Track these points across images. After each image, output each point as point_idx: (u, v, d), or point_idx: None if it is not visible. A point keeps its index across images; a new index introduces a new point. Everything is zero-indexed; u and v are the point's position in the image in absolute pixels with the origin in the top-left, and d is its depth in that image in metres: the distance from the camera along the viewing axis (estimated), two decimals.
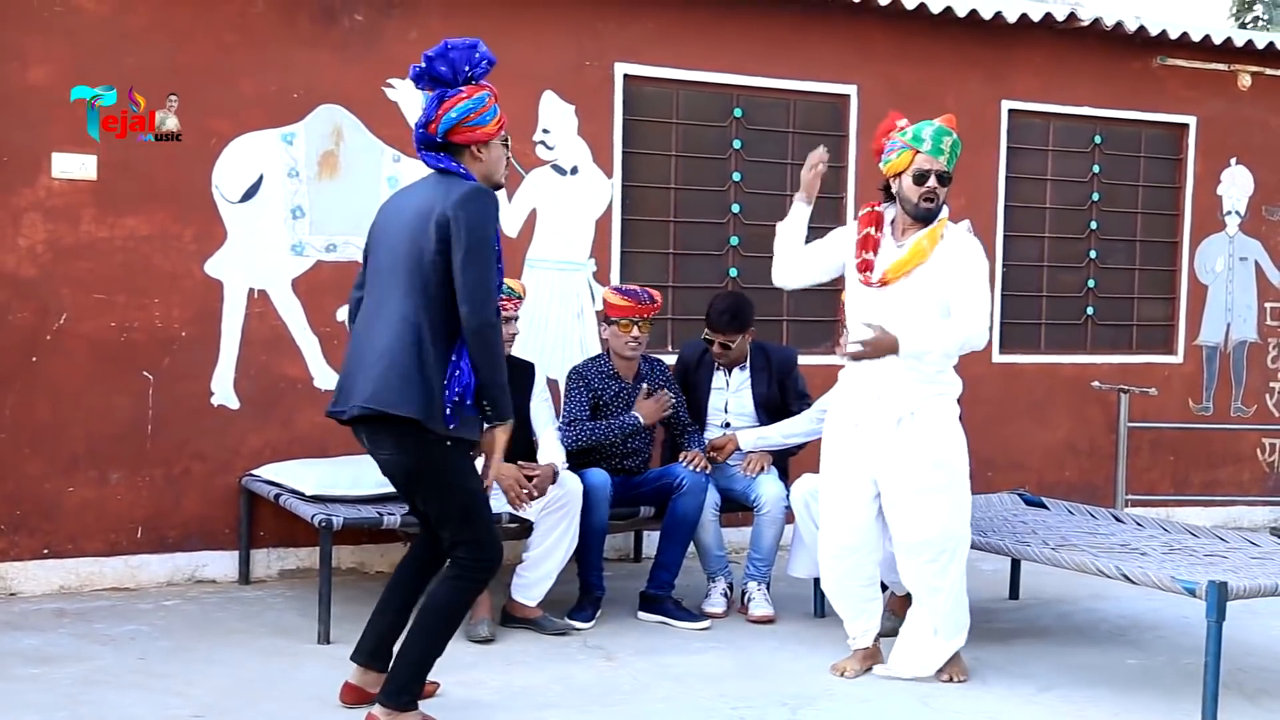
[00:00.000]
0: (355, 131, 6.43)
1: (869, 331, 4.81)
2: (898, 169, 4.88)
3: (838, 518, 5.00)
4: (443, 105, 4.15)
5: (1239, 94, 8.48)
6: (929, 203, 4.81)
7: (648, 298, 5.86)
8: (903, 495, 4.83)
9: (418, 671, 4.18)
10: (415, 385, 3.96)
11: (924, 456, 4.80)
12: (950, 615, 4.89)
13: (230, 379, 6.24)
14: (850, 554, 4.99)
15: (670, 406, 5.88)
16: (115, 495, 6.05)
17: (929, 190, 4.79)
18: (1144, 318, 8.48)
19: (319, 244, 6.38)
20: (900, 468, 4.82)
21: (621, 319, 5.81)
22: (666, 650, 5.33)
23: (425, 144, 4.19)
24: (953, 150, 4.87)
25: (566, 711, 4.52)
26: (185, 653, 5.08)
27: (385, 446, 4.12)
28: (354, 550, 6.50)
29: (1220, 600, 4.37)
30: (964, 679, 4.91)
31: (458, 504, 4.11)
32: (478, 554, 4.14)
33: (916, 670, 4.91)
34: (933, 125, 4.88)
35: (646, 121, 7.13)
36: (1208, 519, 8.42)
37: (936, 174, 4.81)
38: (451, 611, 4.18)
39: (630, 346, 5.82)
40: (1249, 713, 4.73)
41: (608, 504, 5.64)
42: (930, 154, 4.81)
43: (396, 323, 4.03)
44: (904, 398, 4.82)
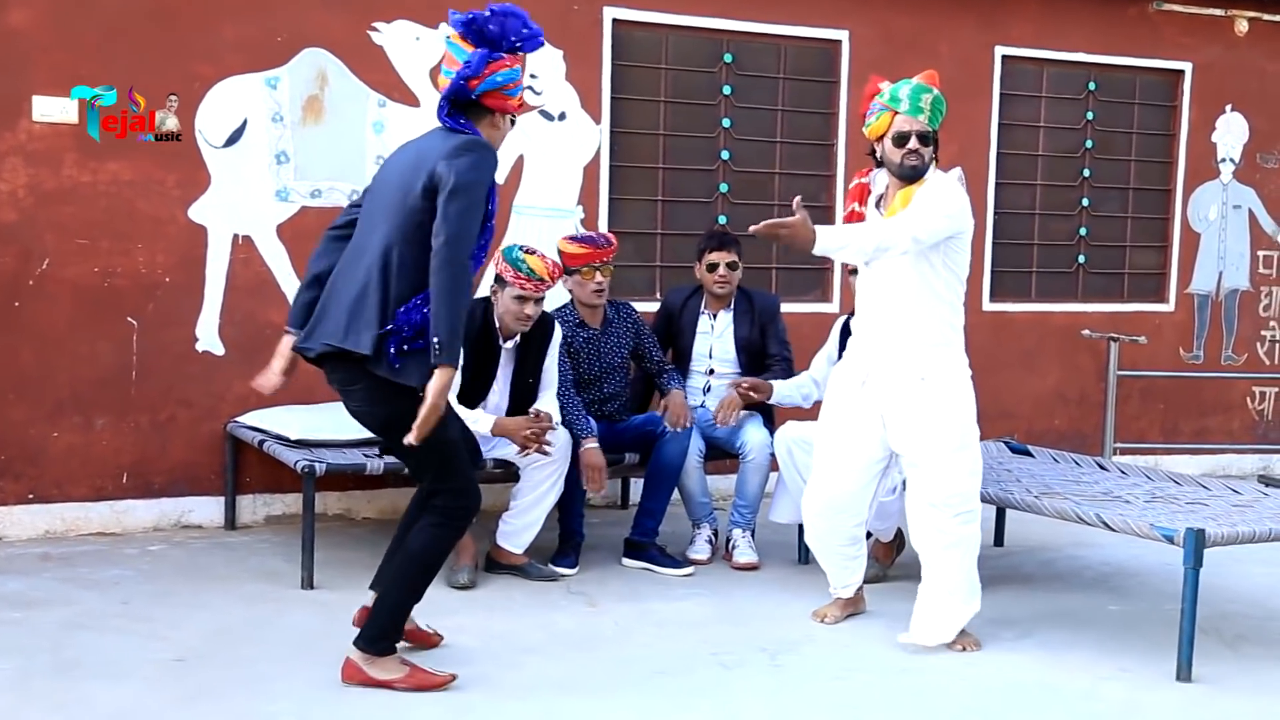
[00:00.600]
0: (340, 76, 6.37)
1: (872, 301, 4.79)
2: (879, 132, 4.75)
3: (832, 475, 4.90)
4: (490, 65, 4.12)
5: (1235, 40, 8.41)
6: (912, 162, 4.69)
7: (604, 240, 5.84)
8: (927, 454, 4.72)
9: (395, 617, 4.21)
10: (373, 326, 3.94)
11: (945, 416, 4.71)
12: (968, 575, 4.78)
13: (215, 325, 6.22)
14: (837, 513, 4.93)
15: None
16: (100, 441, 6.05)
17: (910, 150, 4.67)
18: (1136, 266, 8.45)
19: (304, 189, 6.34)
20: (923, 428, 4.71)
21: (583, 266, 5.77)
22: (650, 597, 5.35)
23: (454, 97, 4.14)
24: (933, 107, 4.72)
25: (547, 657, 4.54)
26: (169, 597, 5.10)
27: (356, 398, 4.13)
28: (340, 496, 6.51)
29: (1198, 547, 4.37)
30: (977, 649, 4.77)
31: (435, 453, 4.10)
32: (456, 501, 4.16)
33: (939, 637, 4.74)
34: (910, 84, 4.74)
35: (635, 67, 7.07)
36: (1197, 467, 8.42)
37: (917, 134, 4.66)
38: (429, 558, 4.19)
39: (596, 294, 5.80)
40: (1226, 658, 4.75)
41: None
42: (909, 114, 4.68)
43: (369, 262, 4.02)
44: (919, 358, 4.72)
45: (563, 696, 4.16)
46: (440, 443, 4.06)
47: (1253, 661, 4.74)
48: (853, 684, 4.37)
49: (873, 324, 4.83)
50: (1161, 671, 4.52)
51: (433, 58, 6.51)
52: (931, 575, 4.78)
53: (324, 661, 4.36)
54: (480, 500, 4.26)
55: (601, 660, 4.53)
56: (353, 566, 5.59)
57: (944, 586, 4.75)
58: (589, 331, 5.87)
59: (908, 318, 4.74)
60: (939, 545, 4.74)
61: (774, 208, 7.41)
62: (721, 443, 5.99)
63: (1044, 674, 4.52)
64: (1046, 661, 4.66)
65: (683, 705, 4.13)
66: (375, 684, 4.14)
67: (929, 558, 4.78)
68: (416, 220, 4.01)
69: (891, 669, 4.53)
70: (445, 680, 4.16)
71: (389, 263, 4.00)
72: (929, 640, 4.75)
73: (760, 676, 4.43)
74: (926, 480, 4.73)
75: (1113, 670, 4.58)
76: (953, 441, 4.72)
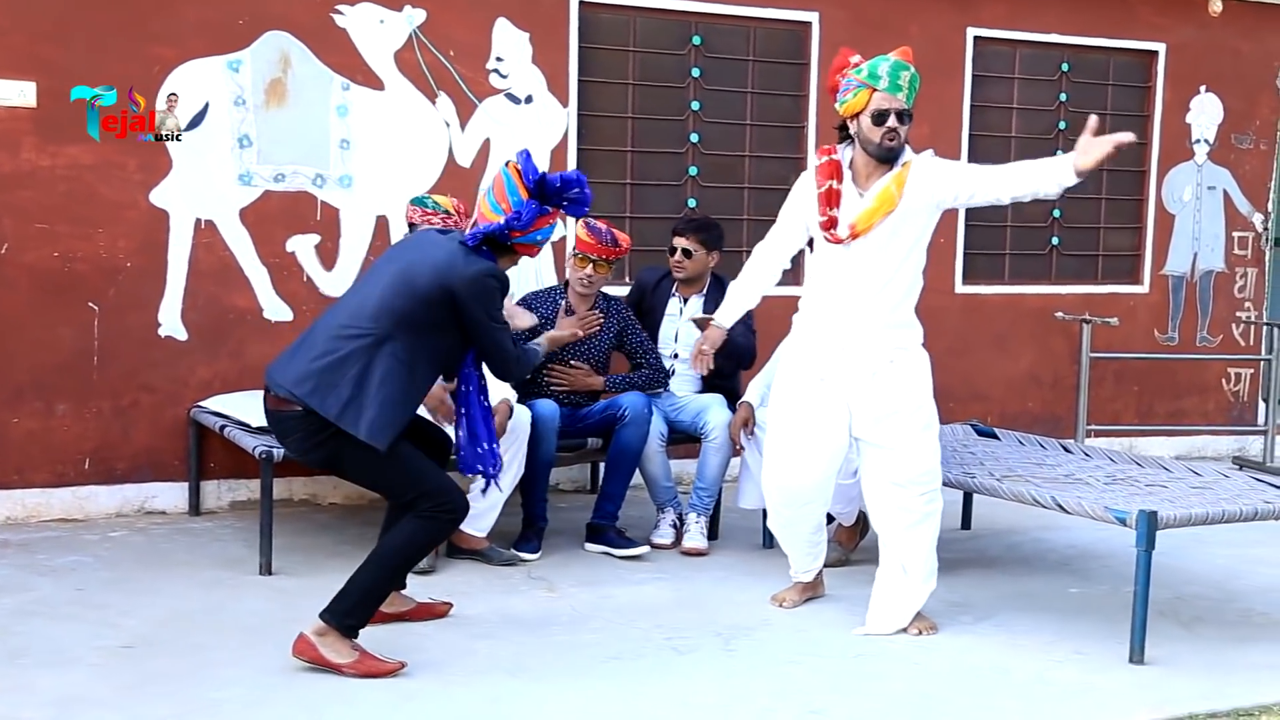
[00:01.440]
0: (303, 59, 6.33)
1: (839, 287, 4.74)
2: (855, 109, 4.62)
3: (795, 468, 4.81)
4: (539, 220, 4.30)
5: (1209, 20, 8.37)
6: (891, 142, 4.59)
7: (610, 239, 5.80)
8: (892, 438, 4.68)
9: (365, 598, 4.21)
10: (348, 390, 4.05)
11: (914, 396, 4.69)
12: (928, 555, 4.75)
13: (178, 310, 6.20)
14: (804, 505, 4.88)
15: (595, 325, 5.74)
16: (62, 426, 6.03)
17: (890, 130, 4.56)
18: (1110, 247, 8.43)
19: (267, 174, 6.31)
20: (892, 410, 4.67)
21: (580, 253, 5.76)
22: (609, 581, 5.33)
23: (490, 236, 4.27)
24: (911, 85, 4.62)
25: (499, 643, 4.52)
26: (125, 584, 5.08)
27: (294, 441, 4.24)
28: (307, 482, 6.49)
29: (1150, 529, 4.36)
30: (934, 632, 4.74)
31: (388, 475, 4.21)
32: (436, 501, 4.19)
33: (896, 622, 4.73)
34: (889, 60, 4.63)
35: (603, 49, 7.04)
36: (1172, 449, 8.42)
37: (896, 112, 4.55)
38: (412, 550, 4.25)
39: (582, 283, 5.78)
40: (1181, 639, 4.75)
41: (555, 435, 5.63)
42: (888, 91, 4.56)
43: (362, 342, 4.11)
44: (876, 351, 4.68)
45: (510, 681, 4.15)
46: (392, 463, 4.13)
47: (1207, 643, 4.73)
48: (804, 669, 4.36)
49: (834, 315, 4.73)
50: (1115, 654, 4.52)
51: (397, 40, 6.49)
52: (892, 556, 4.76)
53: (275, 648, 4.34)
54: (464, 500, 4.28)
55: (554, 645, 4.52)
56: (314, 552, 5.59)
57: (904, 567, 4.73)
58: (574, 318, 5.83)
59: (881, 300, 4.67)
60: (903, 525, 4.71)
61: (744, 190, 7.40)
62: (684, 425, 5.96)
63: (998, 657, 4.51)
64: (1002, 645, 4.65)
65: (631, 690, 4.11)
66: (323, 664, 4.14)
67: (892, 538, 4.75)
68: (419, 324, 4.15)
69: (845, 654, 4.52)
70: (394, 668, 4.15)
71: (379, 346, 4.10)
72: (886, 628, 4.73)
73: (712, 661, 4.42)
74: (894, 461, 4.69)
75: (1067, 653, 4.57)
76: (920, 421, 4.71)
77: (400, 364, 4.10)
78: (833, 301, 4.74)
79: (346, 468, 4.23)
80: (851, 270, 4.69)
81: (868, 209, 4.62)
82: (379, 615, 4.48)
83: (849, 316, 4.71)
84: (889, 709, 4.03)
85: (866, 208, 4.63)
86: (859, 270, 4.68)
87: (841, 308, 4.73)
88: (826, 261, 4.76)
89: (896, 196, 4.60)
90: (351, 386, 4.05)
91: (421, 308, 4.14)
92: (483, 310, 4.20)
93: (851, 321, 4.71)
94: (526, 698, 4.02)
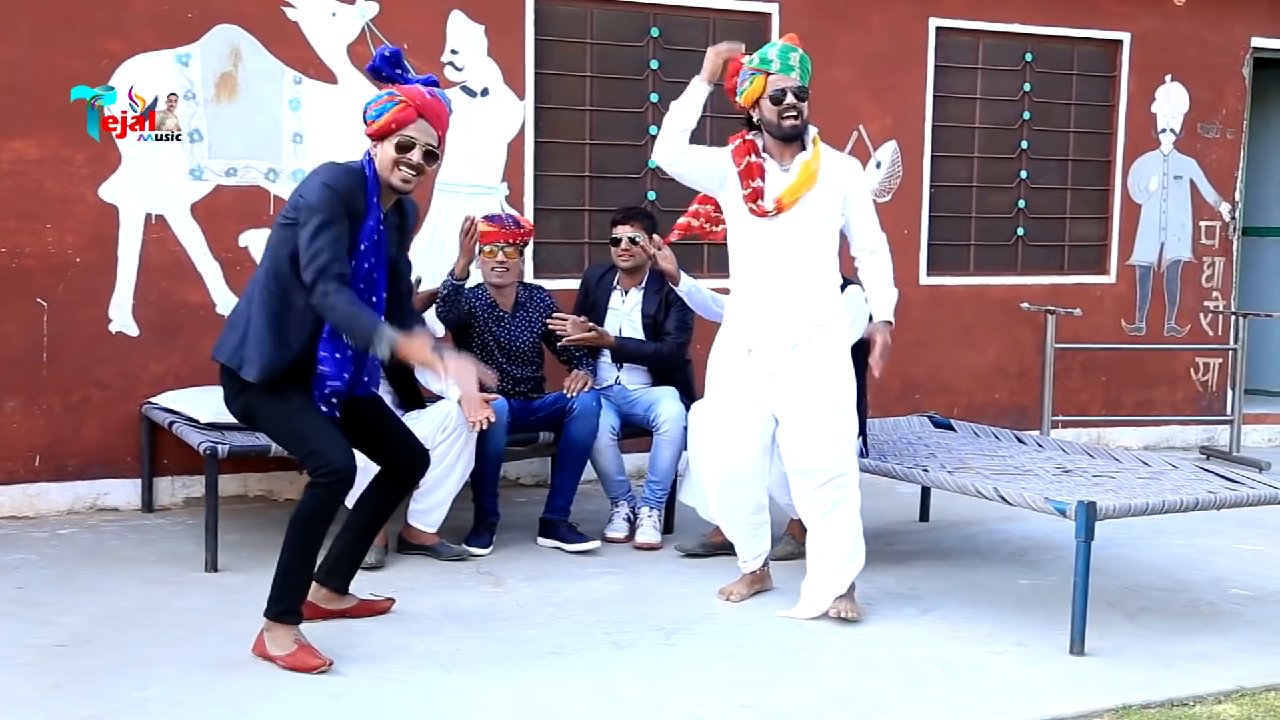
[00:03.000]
0: (254, 53, 6.30)
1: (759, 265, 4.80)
2: (754, 96, 4.77)
3: (727, 447, 4.87)
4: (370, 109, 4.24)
5: (1174, 9, 8.35)
6: (792, 120, 4.70)
7: (511, 222, 5.80)
8: (799, 420, 4.73)
9: (283, 581, 4.20)
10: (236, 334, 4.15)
11: (820, 381, 4.72)
12: (851, 538, 4.77)
13: (129, 306, 6.16)
14: (740, 485, 4.90)
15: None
16: (11, 423, 5.99)
17: (788, 107, 4.68)
18: (1076, 238, 8.41)
19: (218, 168, 6.28)
20: (797, 392, 4.73)
21: (486, 245, 5.74)
22: (557, 576, 5.30)
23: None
24: (803, 65, 4.74)
25: (438, 638, 4.49)
26: (67, 581, 5.05)
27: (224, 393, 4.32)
28: (262, 478, 6.46)
29: (1089, 520, 4.34)
30: (854, 618, 4.72)
31: (287, 428, 4.24)
32: (318, 464, 4.14)
33: (816, 607, 4.75)
34: (777, 45, 4.80)
35: (560, 41, 7.00)
36: (1140, 440, 8.41)
37: (793, 90, 4.69)
38: (305, 522, 4.19)
39: (496, 272, 5.75)
40: (1125, 630, 4.72)
41: (505, 430, 5.59)
42: (781, 72, 4.71)
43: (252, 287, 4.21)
44: (799, 322, 4.74)
45: (443, 677, 4.11)
46: (285, 414, 4.18)
47: (1150, 633, 4.70)
48: (741, 662, 4.33)
49: (759, 288, 4.80)
50: (1056, 645, 4.49)
51: (350, 33, 6.45)
52: (813, 541, 4.80)
53: (209, 645, 4.33)
54: (347, 464, 4.15)
55: (493, 640, 4.48)
56: (263, 548, 5.53)
57: (827, 551, 4.76)
58: (499, 313, 5.82)
59: (803, 272, 4.76)
60: (815, 514, 4.76)
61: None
62: (636, 418, 5.93)
63: (937, 649, 4.48)
64: (943, 636, 4.63)
65: (564, 685, 4.08)
66: (266, 657, 4.16)
67: (809, 524, 4.81)
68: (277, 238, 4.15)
69: (784, 648, 4.49)
70: (321, 664, 4.11)
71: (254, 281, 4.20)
72: (806, 611, 4.76)
73: (650, 656, 4.38)
74: (800, 447, 4.74)
75: (1008, 644, 4.54)
76: (832, 404, 4.74)
77: (271, 295, 4.11)
78: (757, 275, 4.81)
79: (257, 418, 4.29)
80: (774, 243, 4.78)
81: (793, 183, 4.74)
82: (319, 611, 4.49)
83: (772, 289, 4.78)
84: (822, 701, 3.99)
85: (792, 182, 4.74)
86: (782, 243, 4.76)
87: (765, 281, 4.80)
88: (749, 236, 4.84)
89: (818, 173, 4.75)
90: (241, 329, 4.14)
91: (278, 231, 4.13)
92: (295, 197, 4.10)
93: (775, 294, 4.78)
94: (457, 693, 3.99)
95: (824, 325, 4.76)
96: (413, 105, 4.17)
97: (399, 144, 4.15)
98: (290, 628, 4.20)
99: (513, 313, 5.84)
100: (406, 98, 4.18)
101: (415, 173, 4.19)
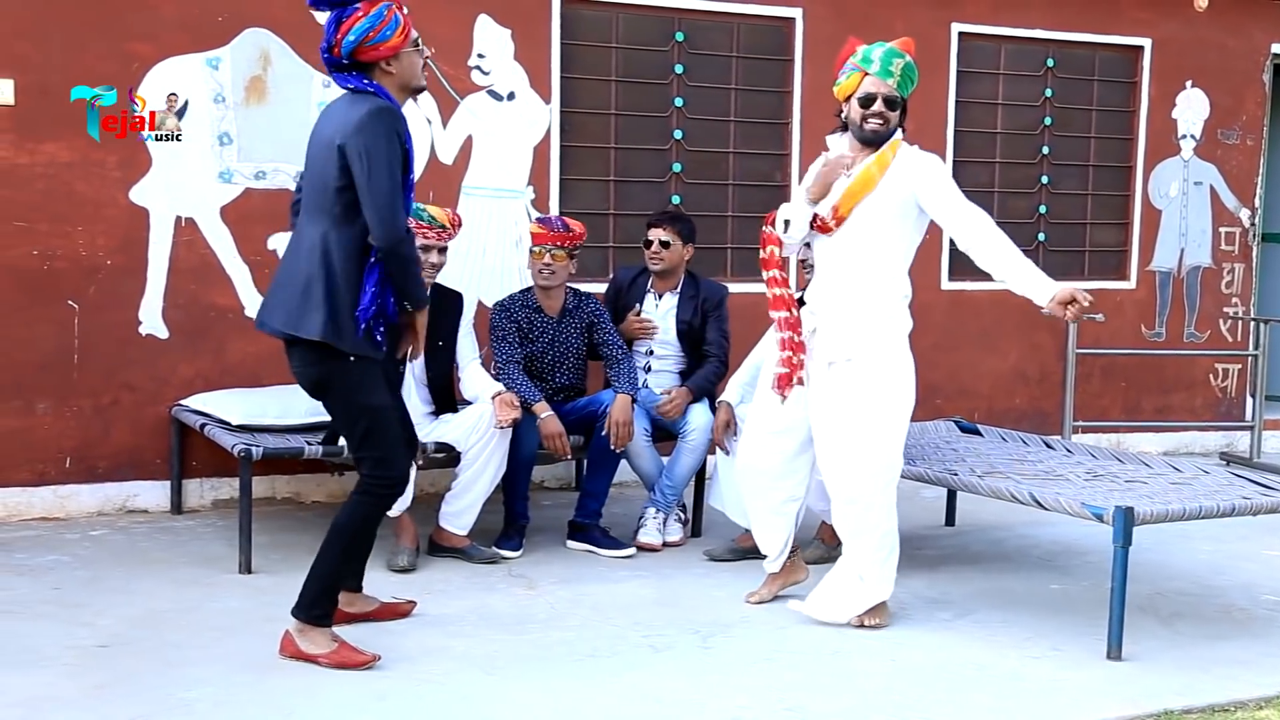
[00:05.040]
0: (283, 56, 6.32)
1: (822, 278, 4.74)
2: (846, 92, 4.68)
3: (763, 443, 4.86)
4: (340, 27, 4.11)
5: (1195, 15, 8.35)
6: (874, 126, 4.62)
7: (560, 225, 5.79)
8: (822, 440, 4.69)
9: (322, 586, 4.22)
10: (321, 309, 4.04)
11: (849, 408, 4.61)
12: (876, 563, 4.71)
13: (159, 308, 6.18)
14: (765, 478, 4.88)
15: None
16: (42, 425, 6.01)
17: (874, 113, 4.60)
18: (1097, 243, 8.42)
19: (247, 171, 6.30)
20: (826, 413, 4.67)
21: (535, 246, 5.76)
22: (589, 579, 5.32)
23: (333, 66, 4.17)
24: (904, 74, 4.63)
25: (475, 640, 4.50)
26: (101, 583, 5.07)
27: (294, 360, 4.21)
28: (290, 480, 6.47)
29: (1126, 525, 4.35)
30: (880, 625, 4.71)
31: (361, 421, 4.17)
32: (379, 472, 4.16)
33: (831, 615, 4.72)
34: (884, 47, 4.68)
35: (585, 46, 7.02)
36: (1159, 445, 8.41)
37: (884, 97, 4.59)
38: (354, 531, 4.21)
39: (543, 274, 5.76)
40: (1159, 635, 4.74)
41: (537, 433, 5.60)
42: (879, 75, 4.61)
43: (307, 249, 4.12)
44: (837, 341, 4.66)
45: (483, 679, 4.13)
46: (367, 409, 4.13)
47: (1185, 638, 4.71)
48: (779, 665, 4.34)
49: (815, 300, 4.77)
50: (1093, 650, 4.50)
51: None
52: (845, 555, 4.78)
53: (248, 646, 4.35)
54: (404, 476, 4.24)
55: (529, 643, 4.50)
56: (295, 550, 5.56)
57: (854, 570, 4.74)
58: (544, 318, 5.82)
59: (849, 288, 4.66)
60: (843, 531, 4.75)
61: (728, 187, 7.39)
62: (664, 422, 5.94)
63: (974, 654, 4.49)
64: (979, 641, 4.64)
65: (604, 688, 4.09)
66: (303, 657, 4.16)
67: (842, 538, 4.79)
68: (343, 205, 4.06)
69: (821, 651, 4.50)
70: (367, 660, 4.14)
71: (326, 249, 4.07)
72: (819, 615, 4.74)
73: (688, 659, 4.40)
74: (827, 467, 4.71)
75: (1044, 649, 4.55)
76: (863, 433, 4.61)
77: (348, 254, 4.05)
78: (815, 289, 4.79)
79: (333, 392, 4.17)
80: (831, 256, 4.72)
81: (849, 188, 4.64)
82: (341, 615, 4.48)
83: (821, 304, 4.74)
84: (864, 705, 4.01)
85: (848, 187, 4.64)
86: (836, 256, 4.70)
87: (818, 295, 4.76)
88: (818, 250, 4.82)
89: (877, 178, 4.61)
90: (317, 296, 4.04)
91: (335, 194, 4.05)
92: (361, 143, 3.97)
93: (821, 310, 4.74)
94: (499, 695, 4.00)
95: (867, 348, 4.61)
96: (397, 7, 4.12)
97: (418, 46, 4.22)
98: (327, 629, 4.22)
99: (559, 319, 5.84)
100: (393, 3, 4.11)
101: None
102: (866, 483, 4.65)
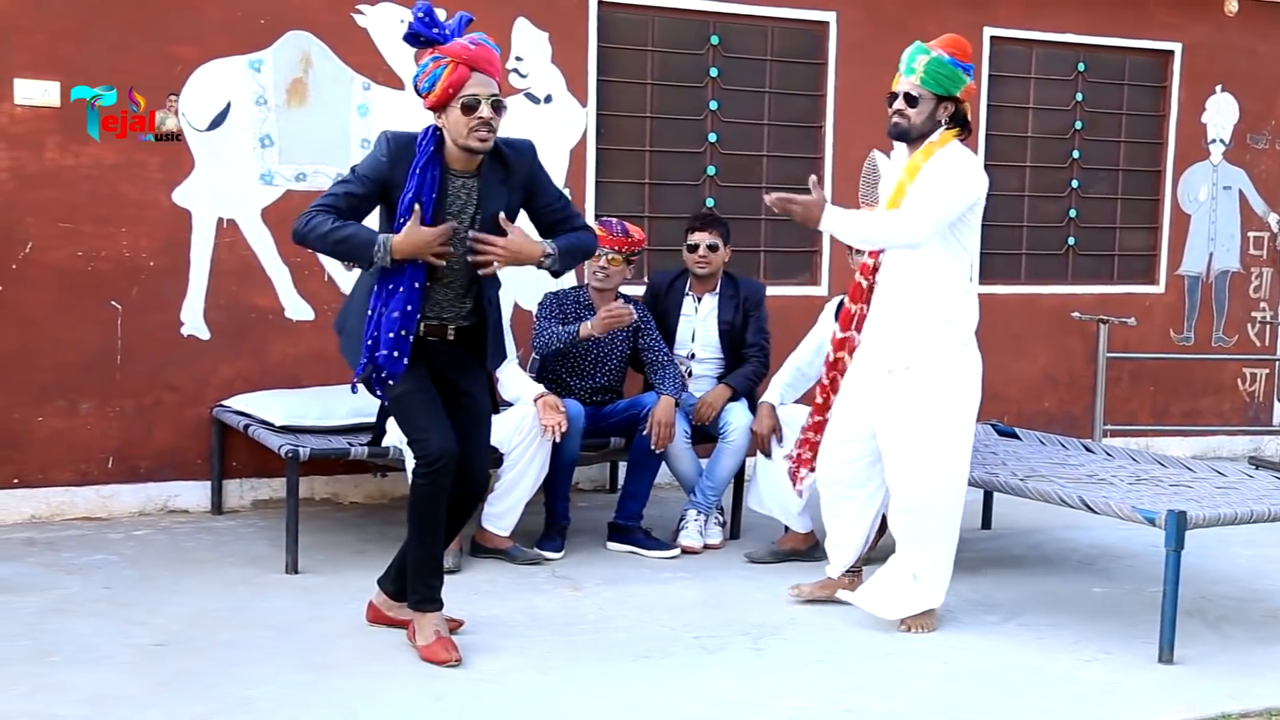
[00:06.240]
0: (324, 59, 6.34)
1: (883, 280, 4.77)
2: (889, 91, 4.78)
3: (827, 455, 4.93)
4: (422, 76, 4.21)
5: (1225, 20, 8.37)
6: (894, 121, 4.66)
7: (620, 230, 5.81)
8: (890, 451, 4.70)
9: (413, 570, 4.34)
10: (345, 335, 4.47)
11: (915, 415, 4.61)
12: (931, 569, 4.72)
13: (200, 309, 6.20)
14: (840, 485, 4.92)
15: (626, 319, 5.61)
16: (85, 425, 6.04)
17: (894, 109, 4.66)
18: (1126, 247, 8.43)
19: (288, 173, 6.32)
20: (885, 421, 4.68)
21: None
22: (634, 580, 5.34)
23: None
24: (928, 70, 4.61)
25: (527, 641, 4.53)
26: (151, 582, 5.09)
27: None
28: (328, 480, 6.49)
29: (1179, 529, 4.36)
30: (928, 630, 4.72)
31: (394, 410, 4.36)
32: (416, 452, 4.26)
33: (882, 609, 4.73)
34: (915, 45, 4.73)
35: (621, 49, 7.04)
36: (1187, 449, 8.42)
37: (903, 94, 4.64)
38: (417, 512, 4.29)
39: (597, 277, 5.79)
40: (1208, 639, 4.75)
41: (580, 435, 5.62)
42: (901, 72, 4.68)
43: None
44: (895, 349, 4.66)
45: (539, 680, 4.15)
46: (393, 398, 4.27)
47: (1234, 642, 4.73)
48: (832, 667, 4.36)
49: (875, 304, 4.81)
50: (1143, 654, 4.52)
51: None
52: (900, 555, 4.80)
53: (304, 645, 4.37)
54: (442, 450, 4.16)
55: (581, 644, 4.52)
56: (338, 550, 5.60)
57: (908, 567, 4.76)
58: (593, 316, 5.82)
59: (900, 294, 4.67)
60: (899, 537, 4.77)
61: (762, 190, 7.37)
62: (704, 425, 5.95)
63: (1025, 657, 4.51)
64: (1029, 644, 4.66)
65: (660, 689, 4.11)
66: (392, 623, 4.46)
67: (898, 543, 4.80)
68: None
69: (874, 653, 4.52)
70: (448, 659, 4.21)
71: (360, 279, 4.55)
72: (869, 606, 4.75)
73: (741, 660, 4.42)
74: (893, 478, 4.72)
75: (1095, 652, 4.57)
76: (923, 442, 4.62)
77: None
78: (876, 295, 4.82)
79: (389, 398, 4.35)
80: (891, 266, 4.75)
81: (897, 180, 4.68)
82: (382, 617, 4.57)
83: (878, 311, 4.78)
84: (920, 707, 4.03)
85: (896, 180, 4.68)
86: (892, 267, 4.73)
87: (877, 302, 4.80)
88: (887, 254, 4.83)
89: (920, 166, 4.62)
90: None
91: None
92: None
93: (879, 316, 4.77)
94: (558, 696, 4.03)
95: (924, 355, 4.60)
96: (462, 61, 4.07)
97: (464, 105, 4.08)
98: (432, 615, 4.31)
99: None
100: (453, 56, 4.08)
101: (489, 128, 4.12)
102: (927, 492, 4.65)
